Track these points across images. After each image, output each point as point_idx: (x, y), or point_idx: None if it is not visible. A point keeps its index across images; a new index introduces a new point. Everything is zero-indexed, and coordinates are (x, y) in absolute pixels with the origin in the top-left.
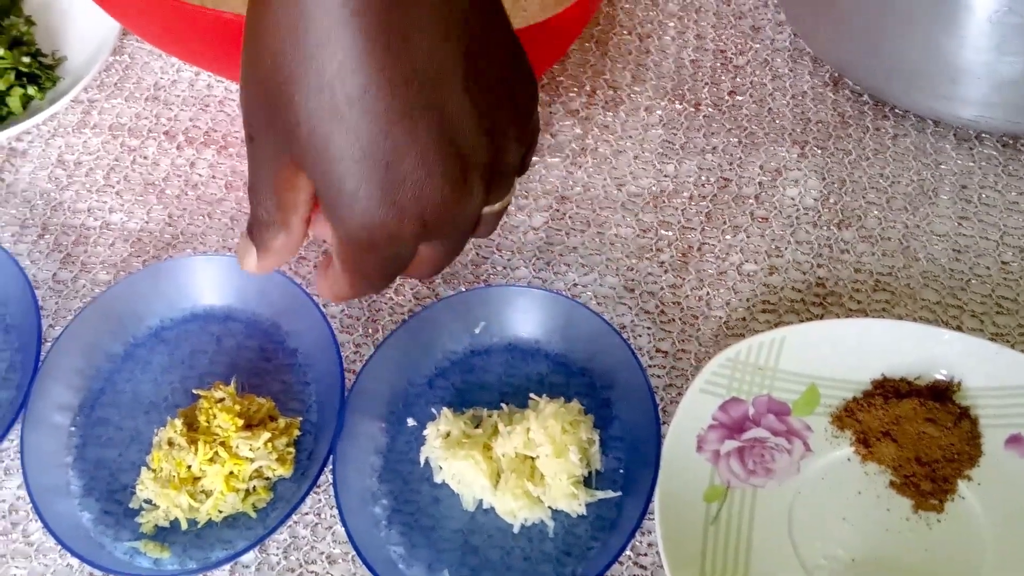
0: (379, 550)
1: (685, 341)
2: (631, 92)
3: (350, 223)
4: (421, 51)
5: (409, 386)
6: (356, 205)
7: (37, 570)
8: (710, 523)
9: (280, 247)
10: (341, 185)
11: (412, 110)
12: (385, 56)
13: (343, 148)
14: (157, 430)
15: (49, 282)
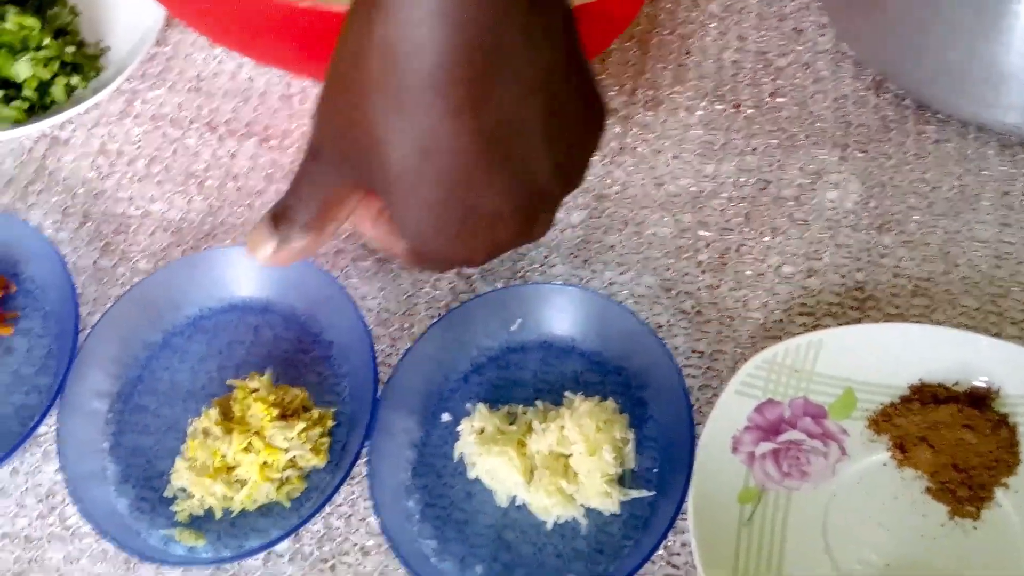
0: (412, 543)
1: (721, 342)
2: (671, 92)
3: (424, 249)
4: (507, 105)
5: (444, 381)
6: (431, 239)
7: (73, 554)
8: (744, 524)
9: (303, 249)
10: (420, 219)
11: (496, 162)
12: (475, 116)
13: (424, 191)
14: (192, 419)
15: (89, 269)
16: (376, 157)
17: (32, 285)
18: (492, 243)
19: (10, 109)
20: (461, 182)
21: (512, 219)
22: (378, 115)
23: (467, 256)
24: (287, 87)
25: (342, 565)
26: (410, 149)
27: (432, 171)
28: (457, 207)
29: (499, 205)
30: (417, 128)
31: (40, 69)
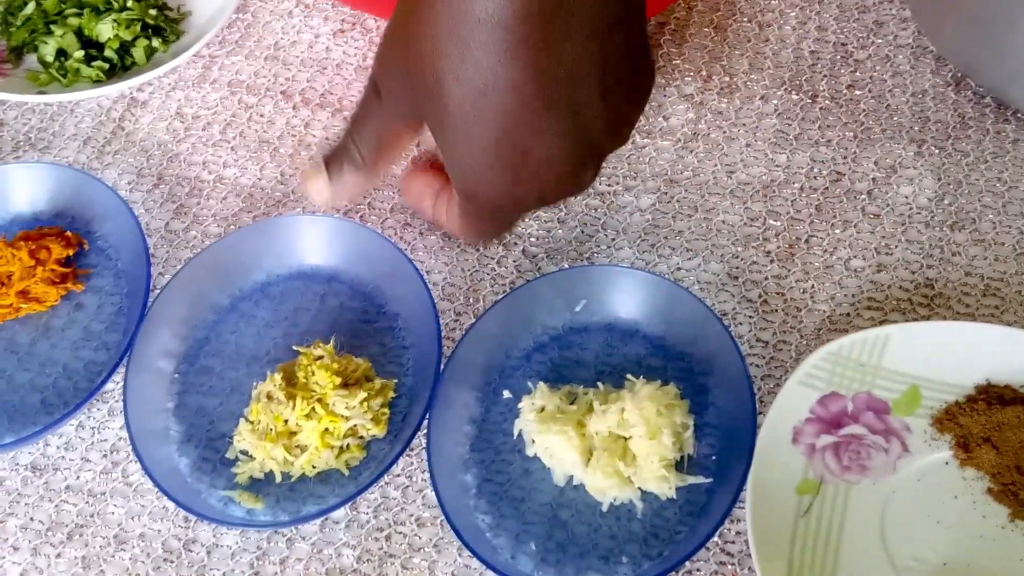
0: (467, 517)
1: (786, 332)
2: (747, 80)
3: (478, 191)
4: (568, 49)
5: (507, 358)
6: (484, 178)
7: (134, 510)
8: (801, 516)
9: (355, 184)
10: (475, 160)
11: (555, 103)
12: (540, 53)
13: (485, 128)
14: (256, 383)
15: (161, 231)
16: (436, 93)
17: (105, 244)
18: (541, 188)
19: (91, 69)
20: (517, 121)
21: (562, 165)
22: (441, 49)
23: (516, 199)
24: (363, 59)
25: (397, 535)
26: (470, 85)
27: (489, 108)
28: (510, 147)
29: (551, 149)
30: (479, 63)
31: (122, 30)
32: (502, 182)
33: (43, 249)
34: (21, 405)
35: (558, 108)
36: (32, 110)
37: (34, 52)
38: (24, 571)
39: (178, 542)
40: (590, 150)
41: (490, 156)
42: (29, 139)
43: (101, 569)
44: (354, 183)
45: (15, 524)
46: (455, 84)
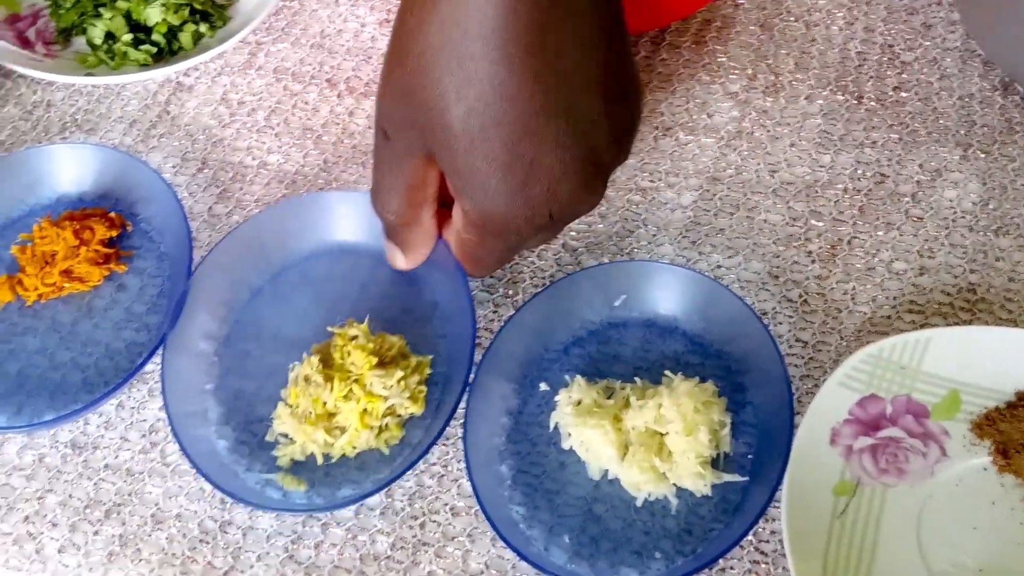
0: (502, 508)
1: (826, 333)
2: (793, 79)
3: (484, 210)
4: (568, 57)
5: (544, 351)
6: (494, 196)
7: (172, 490)
8: (836, 517)
9: (418, 242)
10: (485, 181)
11: (558, 113)
12: (538, 65)
13: (488, 147)
14: (293, 366)
15: (204, 215)
16: (440, 112)
17: (148, 226)
18: (550, 202)
19: (139, 52)
20: (523, 131)
21: (571, 177)
22: (440, 72)
23: (526, 216)
24: None
25: (431, 523)
26: (473, 101)
27: (494, 121)
28: (519, 160)
29: (559, 159)
30: (480, 78)
31: (170, 15)
32: (513, 198)
33: (87, 229)
34: (62, 383)
35: (562, 117)
36: (79, 92)
37: (83, 34)
38: (62, 547)
39: (214, 523)
40: (597, 163)
41: (499, 170)
42: (76, 120)
43: (138, 548)
44: (417, 241)
45: (54, 500)
46: (457, 101)
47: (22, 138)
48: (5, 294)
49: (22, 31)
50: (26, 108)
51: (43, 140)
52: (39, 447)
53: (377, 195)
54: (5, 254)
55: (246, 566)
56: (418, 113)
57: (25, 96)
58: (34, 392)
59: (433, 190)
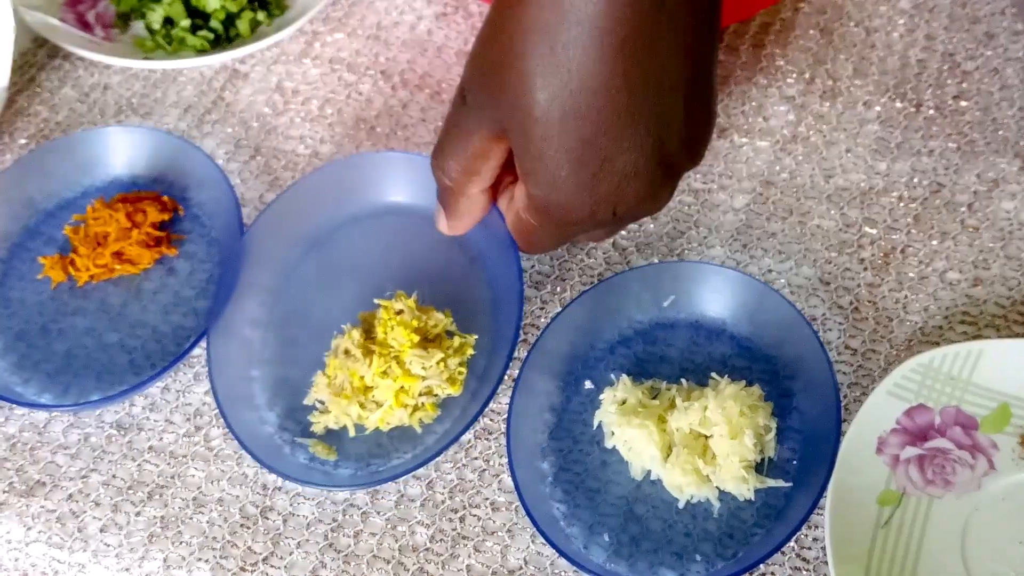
0: (542, 504)
1: (876, 341)
2: (851, 85)
3: (549, 197)
4: (659, 57)
5: (590, 349)
6: (562, 186)
7: (214, 474)
8: (880, 526)
9: (464, 211)
10: (556, 168)
11: (639, 113)
12: (629, 61)
13: (565, 133)
14: (336, 334)
15: (255, 202)
16: (523, 96)
17: (200, 211)
18: (616, 201)
19: (196, 38)
20: (602, 128)
21: (641, 179)
22: (532, 52)
23: (591, 211)
24: (464, 43)
25: (471, 517)
26: (558, 88)
27: (575, 111)
28: (593, 155)
29: (633, 160)
30: (570, 66)
31: (229, 2)
32: (580, 191)
33: (140, 212)
34: (109, 364)
35: (643, 119)
36: (136, 76)
37: (141, 19)
38: (104, 526)
39: (255, 508)
40: (669, 167)
41: (571, 162)
42: (132, 104)
43: (179, 530)
44: (463, 210)
45: (98, 480)
46: (543, 86)
47: (79, 120)
48: (57, 274)
49: (82, 14)
50: (83, 90)
51: (99, 122)
52: (85, 427)
53: (438, 155)
54: (58, 234)
55: (285, 552)
56: (502, 89)
57: (83, 78)
58: (81, 372)
59: (494, 164)
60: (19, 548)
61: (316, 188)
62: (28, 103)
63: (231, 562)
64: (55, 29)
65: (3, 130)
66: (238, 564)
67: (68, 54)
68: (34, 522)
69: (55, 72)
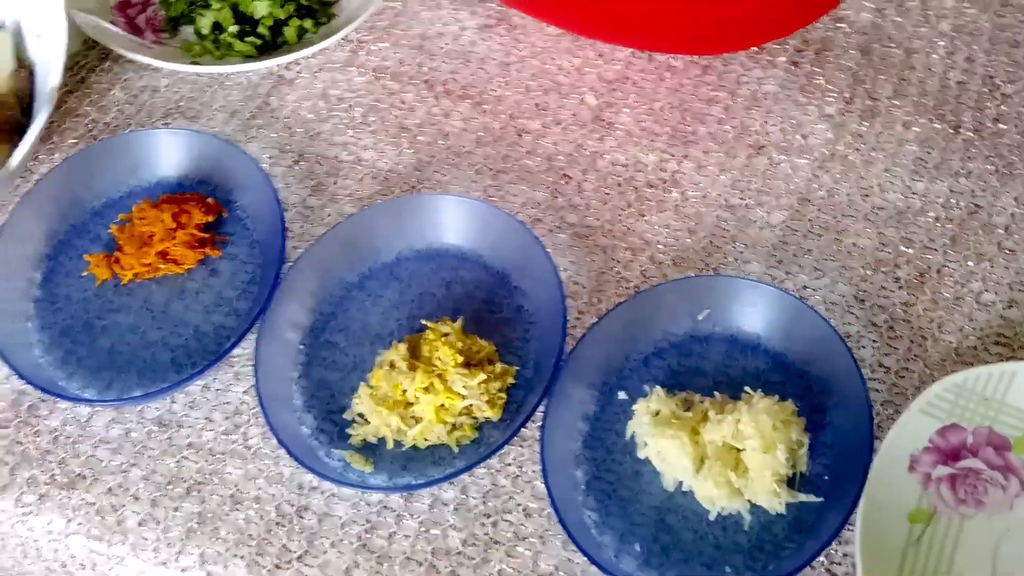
0: (575, 512)
1: (910, 360)
2: (890, 105)
3: None
4: None
5: (625, 360)
6: None
7: (251, 472)
8: (911, 544)
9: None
10: None
11: None
12: None
13: None
14: (381, 351)
15: (298, 206)
16: None
17: (244, 214)
18: None
19: (244, 44)
20: None
21: None
22: None
23: None
24: (506, 55)
25: (504, 522)
26: None
27: None
28: None
29: None
30: None
31: (277, 9)
32: None
33: (185, 213)
34: (151, 362)
35: None
36: (184, 80)
37: (191, 24)
38: (143, 520)
39: (291, 508)
40: None
41: None
42: (179, 107)
43: (215, 527)
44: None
45: (137, 475)
46: None
47: (127, 121)
48: (102, 272)
49: (132, 18)
50: (132, 92)
51: (147, 124)
52: (126, 422)
53: None
54: (104, 233)
55: (319, 551)
56: None
57: (132, 81)
58: (124, 368)
59: None
60: (59, 539)
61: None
62: (78, 104)
63: (266, 559)
64: (106, 32)
65: (53, 130)
66: (273, 561)
67: (118, 57)
68: (74, 514)
69: (105, 74)
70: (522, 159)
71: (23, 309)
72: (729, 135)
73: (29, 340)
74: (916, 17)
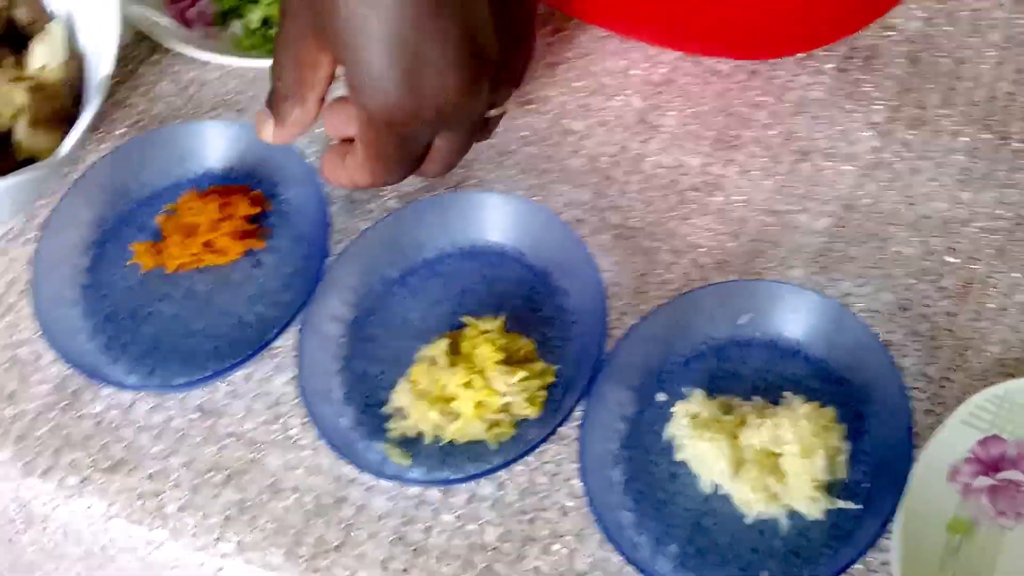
0: (612, 512)
1: (952, 370)
2: (937, 114)
3: (374, 102)
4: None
5: (665, 362)
6: (382, 86)
7: (291, 463)
8: (950, 554)
9: (295, 120)
10: (370, 67)
11: (444, 7)
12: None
13: (376, 34)
14: (421, 346)
15: (342, 200)
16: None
17: (288, 207)
18: (436, 98)
19: None
20: (409, 21)
21: (456, 70)
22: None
23: (416, 107)
24: (553, 56)
25: (541, 520)
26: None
27: (381, 7)
28: (404, 49)
29: (442, 51)
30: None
31: None
32: (400, 89)
33: (231, 204)
34: (194, 350)
35: (445, 10)
36: (232, 73)
37: (240, 18)
38: (183, 507)
39: (329, 499)
40: (481, 60)
41: (386, 59)
42: (227, 100)
43: (254, 515)
44: (295, 119)
45: (178, 462)
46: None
47: (175, 113)
48: (148, 260)
49: (183, 11)
50: (181, 85)
51: (194, 117)
52: (168, 409)
53: (273, 66)
54: (150, 222)
55: (356, 543)
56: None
57: (180, 73)
58: (167, 356)
59: (324, 75)
60: (100, 522)
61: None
62: (128, 95)
63: (304, 549)
64: (157, 24)
65: (103, 120)
66: (311, 551)
67: (167, 49)
68: (115, 498)
69: (154, 66)
70: (566, 159)
71: (70, 295)
72: (774, 140)
73: (75, 326)
74: (966, 27)
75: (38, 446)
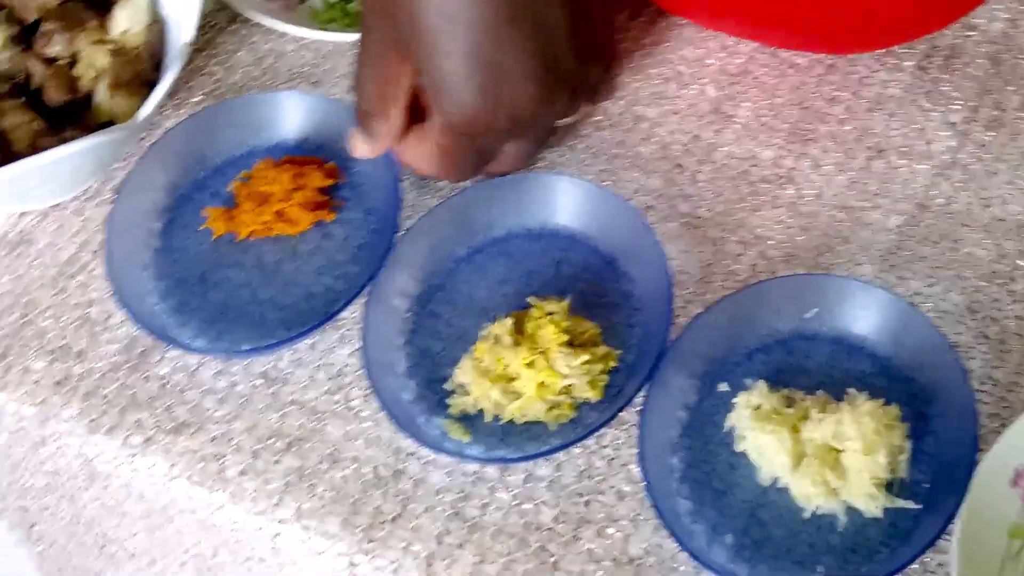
0: (669, 499)
1: (1020, 375)
2: (1017, 116)
3: (454, 111)
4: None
5: (729, 353)
6: (460, 96)
7: (352, 433)
8: (1010, 559)
9: (384, 134)
10: (450, 79)
11: (520, 18)
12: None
13: (456, 48)
14: (486, 324)
15: (413, 176)
16: (412, 13)
17: (360, 180)
18: (513, 106)
19: None
20: (485, 34)
21: (531, 81)
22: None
23: (492, 116)
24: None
25: (596, 503)
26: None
27: (459, 19)
28: (483, 61)
29: (522, 65)
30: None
31: None
32: (475, 97)
33: (304, 176)
34: (261, 318)
35: (521, 24)
36: (308, 46)
37: None
38: (244, 471)
39: (387, 471)
40: (556, 71)
41: (463, 70)
42: (302, 72)
43: (312, 483)
44: (383, 133)
45: (240, 427)
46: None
47: (251, 83)
48: (219, 226)
49: None
50: (258, 55)
51: (270, 87)
52: (233, 374)
53: (355, 83)
54: (223, 189)
55: (412, 516)
56: (395, 13)
57: (258, 44)
58: (234, 322)
59: (405, 87)
60: (162, 482)
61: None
62: (206, 63)
63: (361, 519)
64: None
65: (180, 86)
66: (367, 521)
67: (246, 19)
68: (178, 459)
69: (233, 36)
70: (637, 145)
71: (142, 258)
72: (849, 136)
73: (146, 288)
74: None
75: (104, 404)
